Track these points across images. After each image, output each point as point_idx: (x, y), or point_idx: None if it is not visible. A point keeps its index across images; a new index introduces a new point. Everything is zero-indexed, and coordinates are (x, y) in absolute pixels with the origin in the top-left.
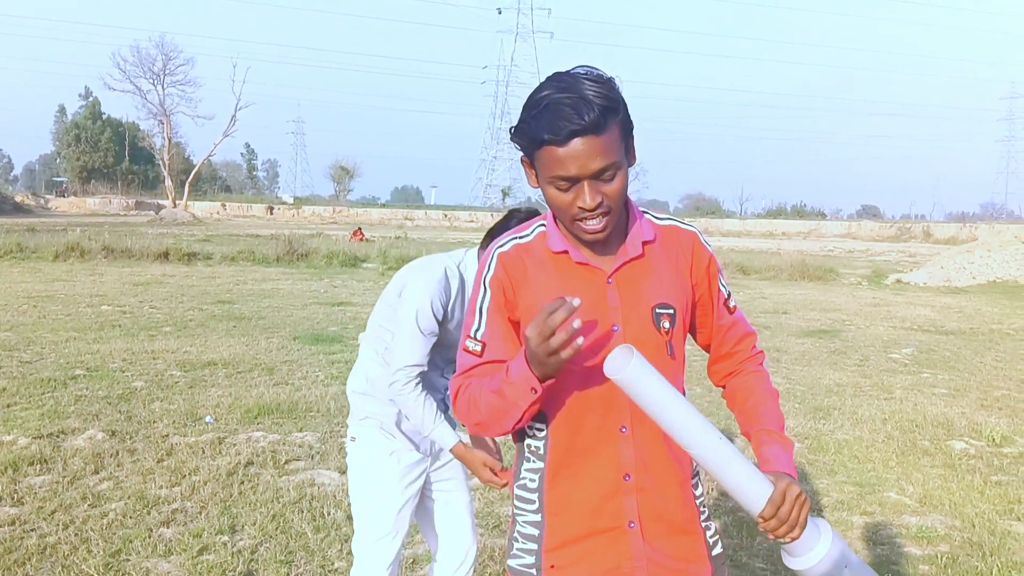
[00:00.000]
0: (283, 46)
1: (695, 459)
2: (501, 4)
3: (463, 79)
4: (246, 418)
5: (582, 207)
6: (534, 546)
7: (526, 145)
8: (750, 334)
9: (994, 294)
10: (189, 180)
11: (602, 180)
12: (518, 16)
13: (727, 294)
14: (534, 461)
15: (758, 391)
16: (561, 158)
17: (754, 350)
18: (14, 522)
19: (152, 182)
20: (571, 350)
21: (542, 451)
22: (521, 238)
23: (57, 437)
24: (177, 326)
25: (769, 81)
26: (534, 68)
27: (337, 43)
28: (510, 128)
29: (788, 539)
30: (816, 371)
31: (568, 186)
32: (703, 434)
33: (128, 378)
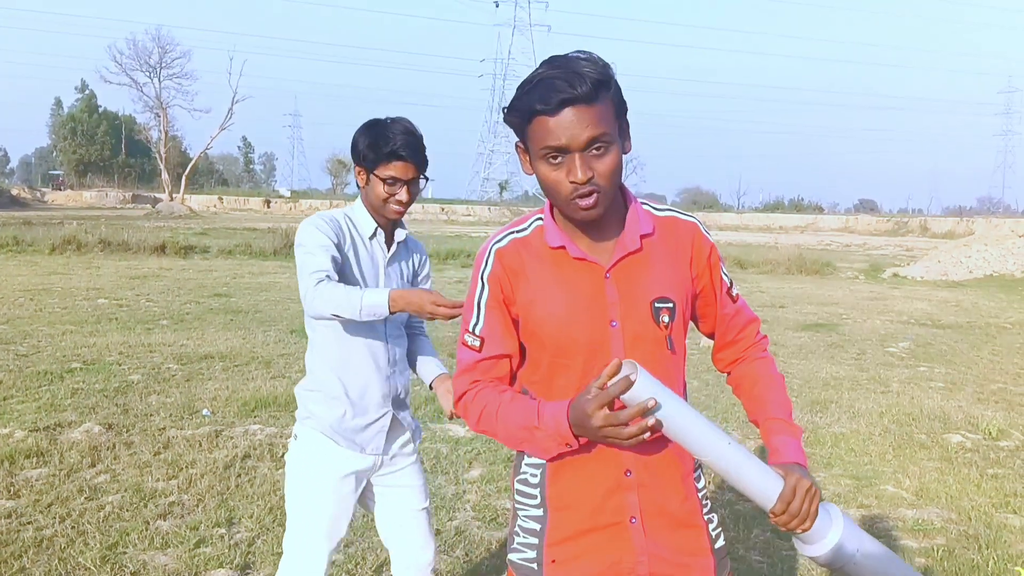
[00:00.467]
0: (280, 39)
1: (706, 464)
2: None
3: (460, 72)
4: (243, 411)
5: (573, 181)
6: (535, 540)
7: (519, 122)
8: (753, 320)
9: (991, 288)
10: (186, 173)
11: (593, 154)
12: (515, 9)
13: (729, 283)
14: (535, 456)
15: (764, 378)
16: (551, 128)
17: (758, 336)
18: (10, 515)
19: (149, 175)
20: (637, 440)
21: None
22: (518, 232)
23: (54, 430)
24: (174, 319)
25: (767, 75)
26: (531, 62)
27: (334, 36)
28: (503, 108)
29: (800, 531)
30: (813, 365)
31: (559, 160)
32: (712, 440)
33: (125, 371)
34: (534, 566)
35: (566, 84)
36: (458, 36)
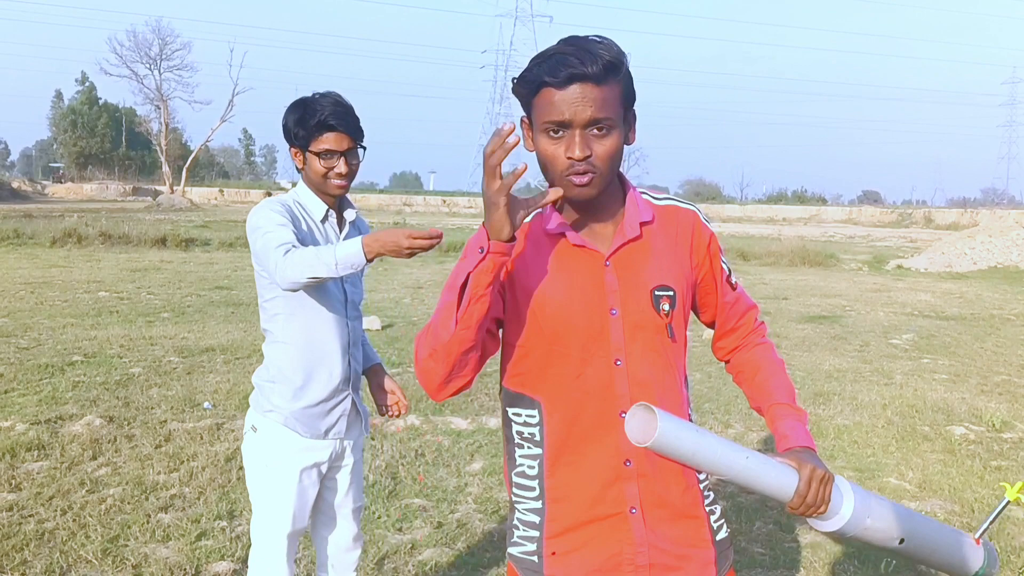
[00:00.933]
0: (281, 30)
1: (726, 480)
2: None
3: (462, 63)
4: (244, 404)
5: (570, 156)
6: (535, 533)
7: (526, 93)
8: (752, 307)
9: (995, 279)
10: (186, 166)
11: (594, 134)
12: (517, 0)
13: (728, 271)
14: (530, 447)
15: (765, 364)
16: (556, 102)
17: (757, 322)
18: (12, 508)
19: (149, 168)
20: (503, 152)
21: (538, 437)
22: None
23: (55, 423)
24: (175, 312)
25: (770, 66)
26: (533, 52)
27: (335, 27)
28: (512, 79)
29: (816, 516)
30: (816, 357)
31: (560, 134)
32: (730, 459)
33: (126, 364)
34: (534, 559)
35: (577, 60)
36: (460, 27)
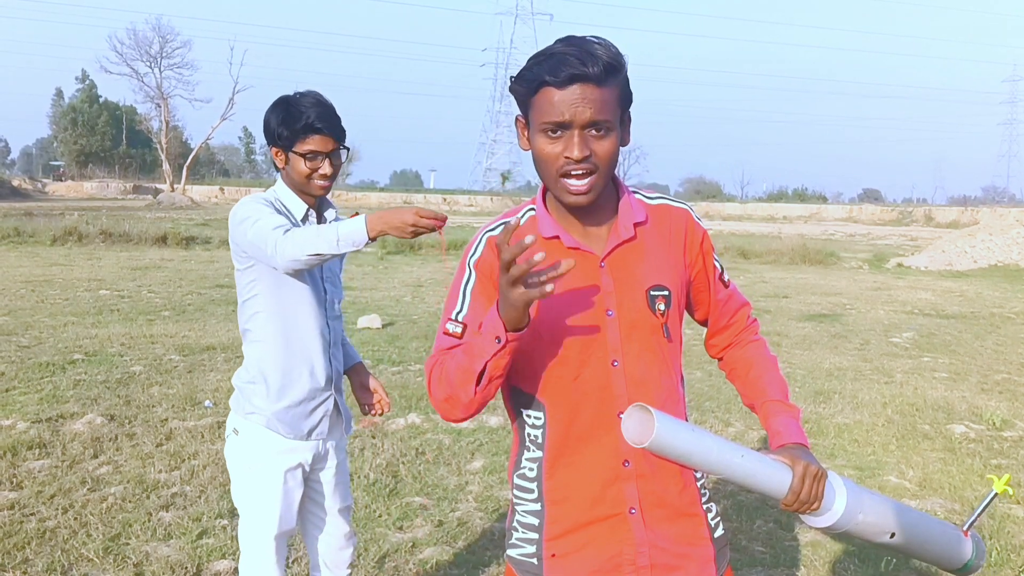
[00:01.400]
0: (281, 28)
1: (722, 478)
2: None
3: (462, 62)
4: None
5: (569, 157)
6: (535, 535)
7: (524, 92)
8: (744, 305)
9: (995, 278)
10: (187, 164)
11: (593, 135)
12: None
13: (720, 268)
14: (533, 450)
15: (758, 361)
16: (556, 102)
17: (749, 320)
18: (13, 506)
19: (150, 166)
20: (539, 291)
21: (540, 440)
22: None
23: (56, 421)
24: (176, 310)
25: (770, 63)
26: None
27: (335, 25)
28: (510, 76)
29: (810, 512)
30: (817, 355)
31: (558, 135)
32: (725, 457)
33: (127, 362)
34: (534, 561)
35: (579, 61)
36: (460, 25)
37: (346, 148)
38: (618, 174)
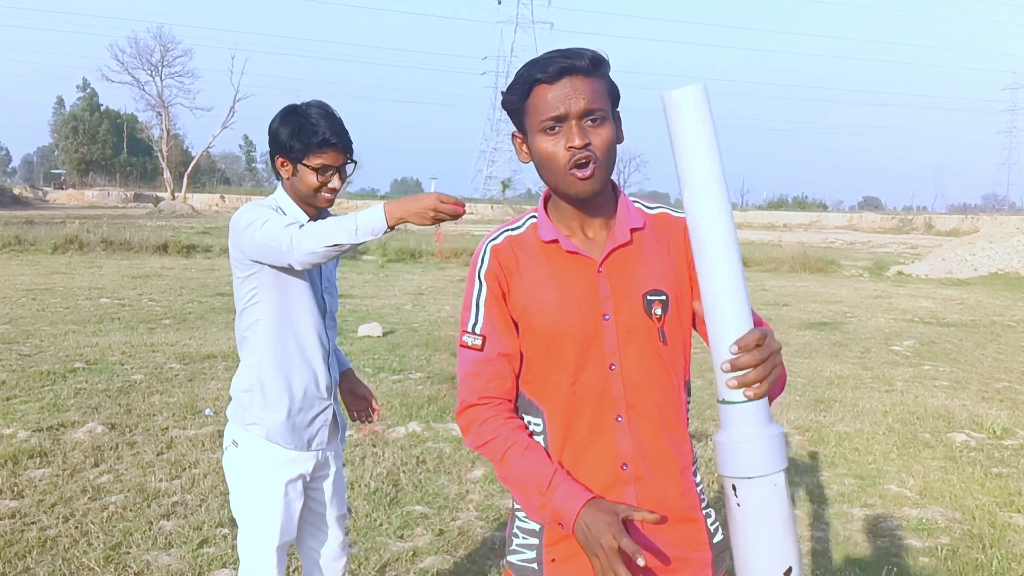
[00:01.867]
0: (282, 37)
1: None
2: None
3: (463, 70)
4: None
5: (571, 146)
6: (535, 541)
7: (518, 98)
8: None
9: (996, 286)
10: (188, 172)
11: (590, 124)
12: (518, 6)
13: None
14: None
15: None
16: (550, 98)
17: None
18: (14, 515)
19: (151, 174)
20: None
21: (542, 445)
22: (513, 230)
23: (57, 430)
24: (176, 319)
25: (769, 72)
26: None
27: (336, 34)
28: (502, 91)
29: (752, 393)
30: (817, 363)
31: (556, 129)
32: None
33: (127, 371)
34: (534, 566)
35: (564, 57)
36: (460, 33)
37: (354, 161)
38: (618, 182)
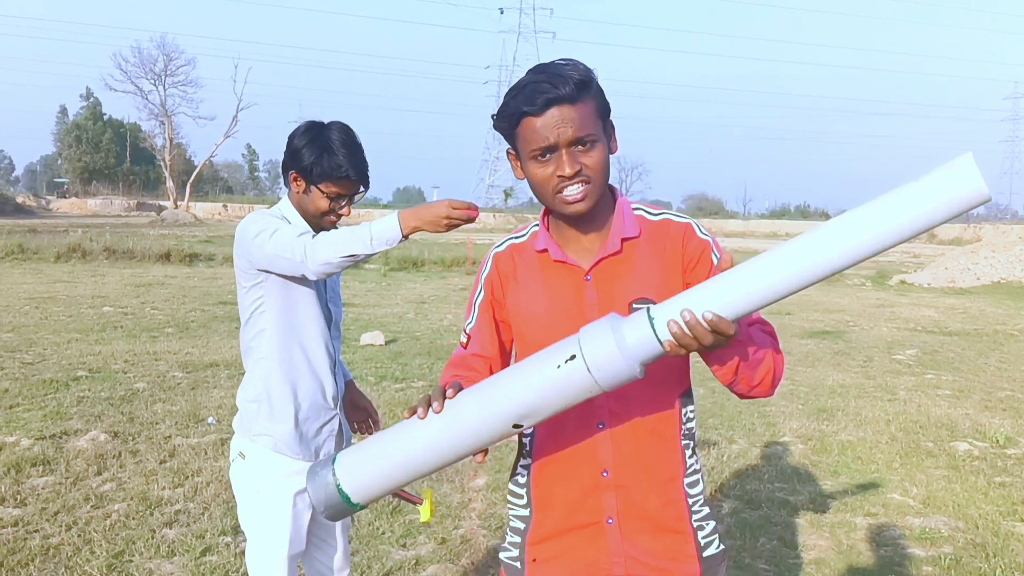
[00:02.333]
0: (284, 46)
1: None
2: (503, 4)
3: (465, 79)
4: None
5: (561, 175)
6: (519, 539)
7: (507, 127)
8: (757, 320)
9: (998, 295)
10: (190, 181)
11: (580, 150)
12: (520, 16)
13: None
14: (525, 457)
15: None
16: (538, 128)
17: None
18: (17, 523)
19: (153, 183)
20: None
21: (529, 447)
22: (516, 238)
23: (60, 438)
24: (179, 327)
25: (772, 81)
26: None
27: (338, 43)
28: (492, 116)
29: (667, 347)
30: (820, 372)
31: (547, 158)
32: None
33: (130, 379)
34: (517, 564)
35: (550, 85)
36: (463, 43)
37: (366, 189)
38: (621, 190)
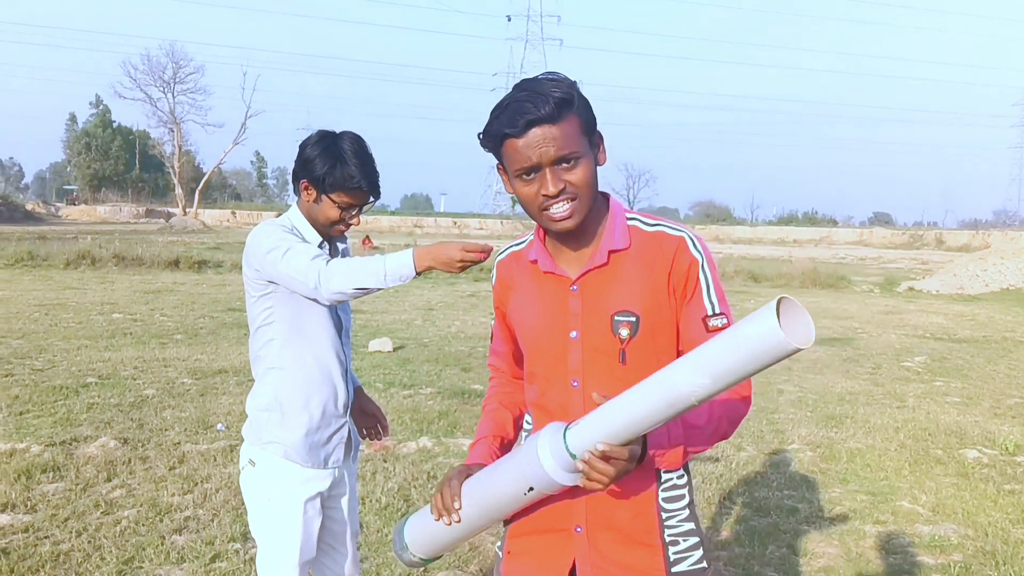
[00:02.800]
0: (293, 54)
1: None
2: (510, 11)
3: (473, 86)
4: None
5: (545, 194)
6: (503, 530)
7: (493, 146)
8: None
9: (1007, 302)
10: (199, 188)
11: (564, 168)
12: (527, 23)
13: (710, 311)
14: None
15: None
16: (521, 149)
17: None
18: (27, 529)
19: (162, 190)
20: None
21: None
22: (517, 246)
23: (70, 445)
24: (188, 334)
25: (780, 88)
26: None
27: (346, 51)
28: (478, 135)
29: (582, 482)
30: (828, 379)
31: (532, 177)
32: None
33: (140, 386)
34: (500, 554)
35: (531, 105)
36: (471, 50)
37: (376, 199)
38: (627, 198)
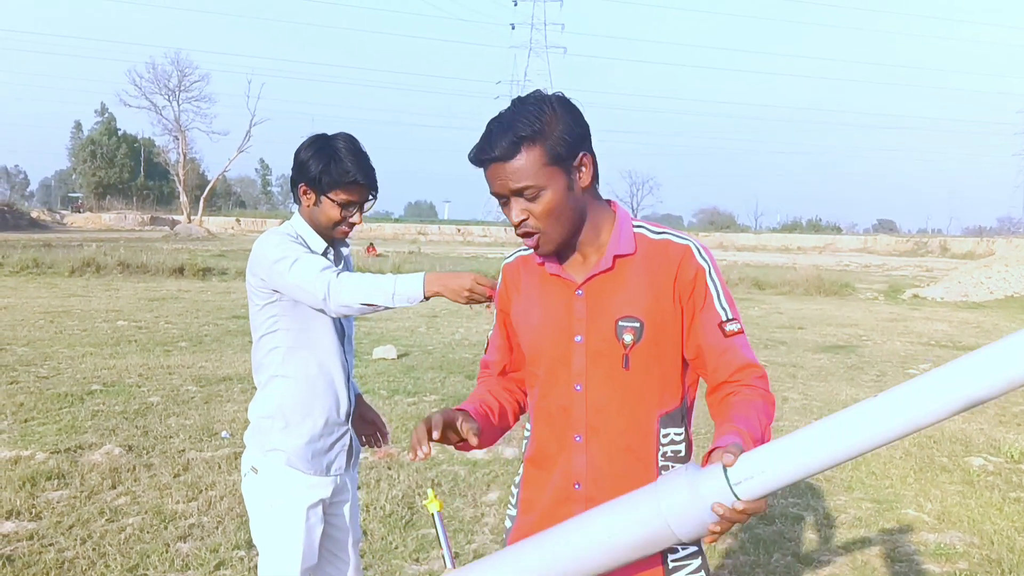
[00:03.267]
0: (297, 62)
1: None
2: (514, 19)
3: (476, 94)
4: None
5: (512, 222)
6: (504, 537)
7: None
8: (751, 365)
9: (1012, 309)
10: (204, 196)
11: (527, 197)
12: (531, 31)
13: (724, 316)
14: (522, 460)
15: (740, 396)
16: (488, 179)
17: (756, 377)
18: (32, 537)
19: (167, 198)
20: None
21: (522, 450)
22: (525, 250)
23: (74, 452)
24: (192, 341)
25: (784, 95)
26: (547, 83)
27: (350, 59)
28: (468, 157)
29: (709, 538)
30: (833, 387)
31: (504, 202)
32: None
33: (144, 393)
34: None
35: (487, 143)
36: (474, 58)
37: (375, 197)
38: (630, 206)
